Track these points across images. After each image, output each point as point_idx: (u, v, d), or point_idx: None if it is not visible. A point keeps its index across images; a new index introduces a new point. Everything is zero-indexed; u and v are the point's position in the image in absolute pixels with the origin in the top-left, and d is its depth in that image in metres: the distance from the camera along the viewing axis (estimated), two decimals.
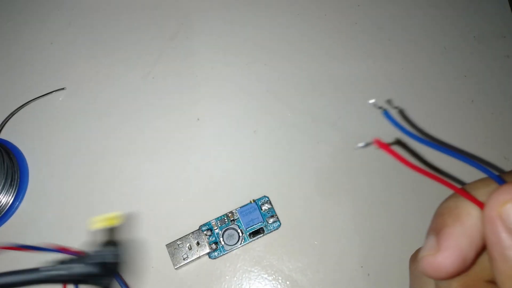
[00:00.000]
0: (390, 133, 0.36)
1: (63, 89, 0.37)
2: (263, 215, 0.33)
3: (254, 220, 0.32)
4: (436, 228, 0.15)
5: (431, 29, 0.40)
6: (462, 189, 0.15)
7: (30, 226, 0.33)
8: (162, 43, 0.39)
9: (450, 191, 0.16)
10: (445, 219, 0.15)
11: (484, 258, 0.15)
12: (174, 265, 0.31)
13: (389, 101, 0.33)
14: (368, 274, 0.32)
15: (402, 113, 0.34)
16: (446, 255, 0.14)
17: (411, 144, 0.33)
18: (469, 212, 0.15)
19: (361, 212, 0.33)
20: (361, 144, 0.15)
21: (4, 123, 0.36)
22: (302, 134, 0.36)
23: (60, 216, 0.33)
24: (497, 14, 0.40)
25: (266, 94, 0.37)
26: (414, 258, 0.19)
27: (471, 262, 0.15)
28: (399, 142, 0.32)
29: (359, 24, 0.40)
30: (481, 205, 0.15)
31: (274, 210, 0.33)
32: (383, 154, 0.37)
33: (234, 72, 0.38)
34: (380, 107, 0.16)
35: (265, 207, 0.33)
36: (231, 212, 0.33)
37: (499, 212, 0.13)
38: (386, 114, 0.15)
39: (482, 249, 0.15)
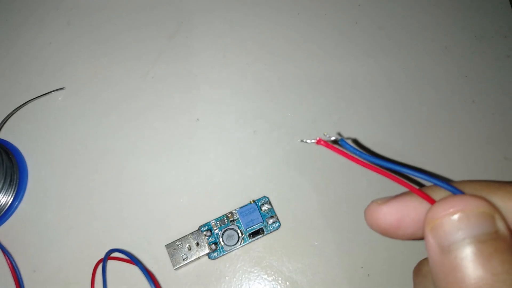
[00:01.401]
0: (392, 132, 0.36)
1: (62, 89, 0.37)
2: (262, 216, 0.33)
3: (254, 221, 0.32)
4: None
5: (432, 29, 0.40)
6: (413, 186, 0.16)
7: (29, 226, 0.33)
8: (161, 42, 0.39)
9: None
10: (408, 193, 0.17)
11: None
12: (173, 265, 0.31)
13: (339, 134, 0.34)
14: (368, 275, 0.32)
15: (356, 142, 0.35)
16: (387, 209, 0.16)
17: None
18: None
19: (362, 212, 0.33)
20: (304, 140, 0.17)
21: (3, 123, 0.36)
22: (302, 134, 0.36)
23: (59, 216, 0.33)
24: (498, 14, 0.40)
25: (266, 94, 0.37)
26: (418, 270, 0.18)
27: (404, 229, 0.16)
28: None
29: (360, 23, 0.40)
30: (432, 201, 0.15)
31: (274, 210, 0.33)
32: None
33: (234, 72, 0.38)
34: (334, 139, 0.17)
35: (265, 207, 0.33)
36: (230, 212, 0.33)
37: (433, 226, 0.14)
38: (343, 142, 0.16)
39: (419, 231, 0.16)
